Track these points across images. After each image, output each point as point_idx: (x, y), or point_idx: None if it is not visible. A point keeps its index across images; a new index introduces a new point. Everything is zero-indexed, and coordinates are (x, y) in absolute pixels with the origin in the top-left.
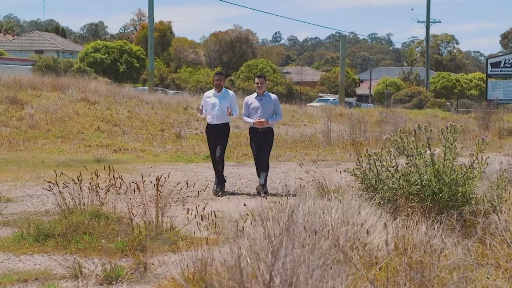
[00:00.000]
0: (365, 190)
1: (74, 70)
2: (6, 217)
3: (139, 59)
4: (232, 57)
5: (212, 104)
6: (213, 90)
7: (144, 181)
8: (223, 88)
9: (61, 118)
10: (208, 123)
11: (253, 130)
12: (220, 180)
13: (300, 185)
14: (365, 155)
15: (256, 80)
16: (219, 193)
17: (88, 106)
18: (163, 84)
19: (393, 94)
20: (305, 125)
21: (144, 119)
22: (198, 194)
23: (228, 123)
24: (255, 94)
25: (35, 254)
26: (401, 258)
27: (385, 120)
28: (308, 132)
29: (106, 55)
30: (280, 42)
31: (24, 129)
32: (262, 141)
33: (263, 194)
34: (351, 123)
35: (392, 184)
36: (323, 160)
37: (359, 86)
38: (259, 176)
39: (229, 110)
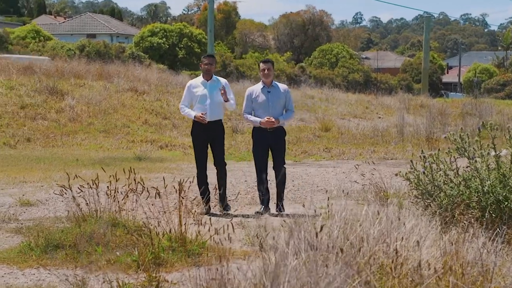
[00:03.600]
0: (419, 197)
1: (126, 56)
2: (21, 224)
3: (200, 43)
4: (304, 41)
5: (200, 96)
6: (200, 78)
7: (166, 186)
8: (214, 75)
9: (104, 110)
10: (195, 122)
11: (258, 132)
12: (206, 196)
13: (343, 191)
14: (420, 157)
15: (262, 65)
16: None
17: (136, 96)
18: (226, 71)
19: (484, 83)
20: (379, 117)
21: None
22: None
23: (221, 119)
24: (260, 85)
25: (42, 267)
26: (447, 278)
27: (470, 112)
28: (381, 126)
29: (164, 39)
30: (361, 24)
31: (63, 123)
32: (272, 146)
33: (281, 212)
34: (431, 115)
35: (450, 191)
36: (391, 159)
37: (447, 73)
38: (260, 191)
39: (223, 95)
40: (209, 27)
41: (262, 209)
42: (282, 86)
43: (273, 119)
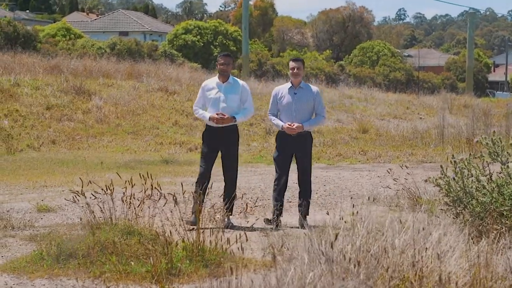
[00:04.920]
0: (451, 204)
1: (159, 54)
2: (37, 231)
3: (236, 41)
4: (344, 38)
5: (213, 99)
6: (216, 79)
7: (185, 191)
8: (231, 76)
9: (133, 111)
10: (208, 126)
11: (281, 136)
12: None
13: (369, 198)
14: (450, 161)
15: (292, 64)
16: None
17: (166, 96)
18: (262, 70)
19: None
20: (421, 118)
21: None
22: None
23: (236, 125)
24: (287, 85)
25: (53, 277)
26: None
27: None
28: (421, 127)
29: (198, 37)
30: (405, 20)
31: (90, 124)
32: (296, 154)
33: (305, 227)
34: (474, 116)
35: (483, 198)
36: (430, 162)
37: (494, 71)
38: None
39: (226, 117)
40: (244, 25)
41: (273, 219)
42: (312, 88)
43: (295, 126)
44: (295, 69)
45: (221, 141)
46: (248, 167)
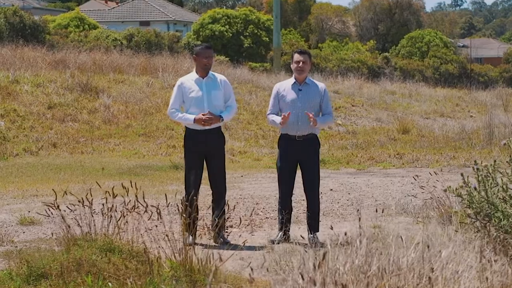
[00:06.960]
0: (474, 217)
1: (181, 46)
2: (16, 246)
3: (268, 31)
4: (390, 27)
5: (196, 98)
6: (194, 75)
7: (169, 204)
8: (210, 71)
9: (145, 110)
10: (189, 129)
11: (285, 140)
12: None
13: (378, 210)
14: (473, 168)
15: (297, 57)
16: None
17: None
18: (288, 63)
19: None
20: (471, 116)
21: (255, 111)
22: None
23: (220, 126)
24: (290, 80)
25: None
26: None
27: None
28: (469, 127)
29: (227, 26)
30: (462, 7)
31: (96, 125)
32: (301, 160)
33: (317, 247)
34: None
35: (510, 209)
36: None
37: None
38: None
39: (214, 117)
40: (275, 13)
41: (279, 237)
42: (319, 84)
43: (311, 115)
44: (301, 62)
45: (207, 145)
46: (268, 172)
